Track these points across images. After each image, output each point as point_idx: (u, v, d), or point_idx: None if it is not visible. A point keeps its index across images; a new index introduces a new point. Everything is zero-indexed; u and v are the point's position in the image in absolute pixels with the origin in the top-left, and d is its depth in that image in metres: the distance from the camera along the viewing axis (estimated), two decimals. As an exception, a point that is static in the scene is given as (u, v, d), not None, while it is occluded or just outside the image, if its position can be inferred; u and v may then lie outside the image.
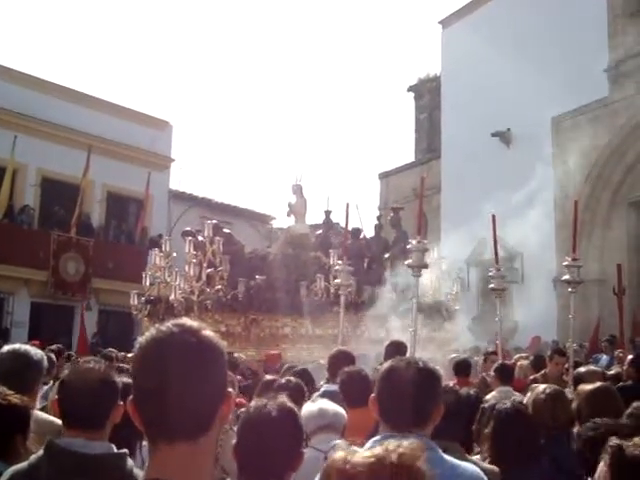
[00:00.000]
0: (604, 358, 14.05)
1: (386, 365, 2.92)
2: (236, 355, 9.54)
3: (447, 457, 2.76)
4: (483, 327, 22.31)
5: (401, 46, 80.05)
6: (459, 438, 3.73)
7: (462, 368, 7.97)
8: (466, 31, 25.76)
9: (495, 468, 3.72)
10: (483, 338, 20.61)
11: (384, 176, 32.46)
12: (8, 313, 22.95)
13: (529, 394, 5.14)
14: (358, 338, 11.69)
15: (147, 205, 25.45)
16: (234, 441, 2.72)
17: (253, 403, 2.86)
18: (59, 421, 3.09)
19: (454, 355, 12.26)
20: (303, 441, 2.91)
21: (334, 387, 5.33)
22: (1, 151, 22.54)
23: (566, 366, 8.35)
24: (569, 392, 5.61)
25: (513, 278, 19.97)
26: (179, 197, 28.59)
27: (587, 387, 4.68)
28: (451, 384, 4.44)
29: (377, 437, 2.62)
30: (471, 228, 15.04)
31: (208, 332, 1.68)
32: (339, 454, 1.65)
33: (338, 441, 3.79)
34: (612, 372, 8.52)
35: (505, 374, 7.41)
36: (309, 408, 4.22)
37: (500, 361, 8.40)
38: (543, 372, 8.15)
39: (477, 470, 2.83)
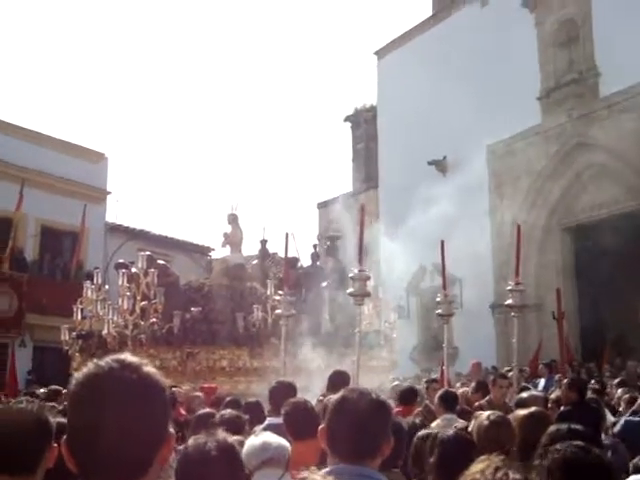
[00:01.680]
0: (542, 382, 14.24)
1: (338, 395, 2.85)
2: (175, 389, 9.20)
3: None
4: (424, 355, 22.47)
5: (338, 76, 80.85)
6: (399, 466, 3.69)
7: (408, 396, 7.91)
8: (401, 61, 26.12)
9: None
10: (424, 366, 20.72)
11: (322, 206, 32.59)
12: (-63, 352, 22.11)
13: (473, 421, 5.14)
14: (296, 369, 11.57)
15: (83, 238, 24.90)
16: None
17: (191, 441, 2.73)
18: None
19: (396, 383, 12.27)
20: (244, 478, 2.80)
21: (277, 420, 5.23)
22: None
23: (510, 390, 8.40)
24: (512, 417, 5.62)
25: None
26: (116, 230, 28.15)
27: (521, 412, 4.73)
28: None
29: (328, 469, 2.54)
30: (409, 257, 15.10)
31: (149, 368, 1.60)
32: None
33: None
34: (553, 396, 8.57)
35: (449, 401, 7.37)
36: (252, 442, 4.11)
37: (444, 388, 8.39)
38: (488, 398, 8.15)
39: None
